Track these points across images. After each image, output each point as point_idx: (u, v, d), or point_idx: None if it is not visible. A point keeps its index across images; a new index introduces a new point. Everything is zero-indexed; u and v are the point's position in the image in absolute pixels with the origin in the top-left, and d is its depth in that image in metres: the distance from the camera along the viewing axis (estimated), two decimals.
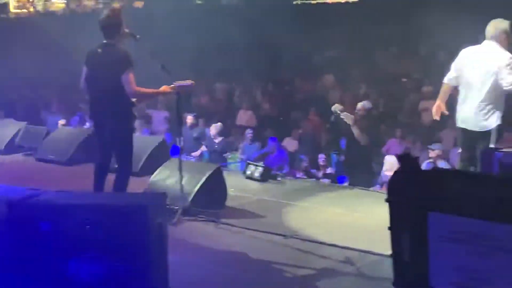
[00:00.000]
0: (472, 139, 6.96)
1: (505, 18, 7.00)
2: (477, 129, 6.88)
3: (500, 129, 6.98)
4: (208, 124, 14.10)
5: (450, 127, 12.15)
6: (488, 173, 5.80)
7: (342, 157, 10.66)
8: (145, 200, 4.97)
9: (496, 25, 6.84)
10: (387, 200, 3.33)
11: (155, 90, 6.82)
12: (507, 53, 6.72)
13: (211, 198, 7.25)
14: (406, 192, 3.16)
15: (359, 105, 10.17)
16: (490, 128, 6.83)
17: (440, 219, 3.06)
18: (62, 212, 4.83)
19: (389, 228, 3.36)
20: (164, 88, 6.77)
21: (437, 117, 7.36)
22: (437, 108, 7.28)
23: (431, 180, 3.11)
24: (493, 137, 6.83)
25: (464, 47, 7.19)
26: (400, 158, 3.18)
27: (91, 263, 4.83)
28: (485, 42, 6.89)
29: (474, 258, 2.94)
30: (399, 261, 3.22)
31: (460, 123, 7.09)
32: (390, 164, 10.64)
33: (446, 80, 7.23)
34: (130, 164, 6.72)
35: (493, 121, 6.84)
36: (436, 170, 3.37)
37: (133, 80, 6.36)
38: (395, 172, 3.22)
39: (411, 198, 3.13)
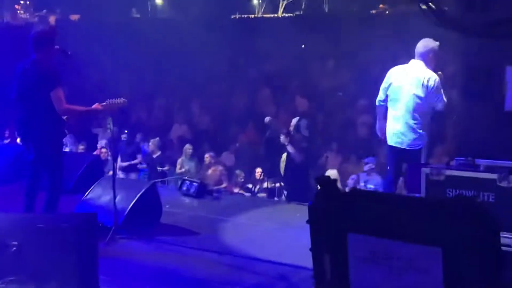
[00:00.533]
0: (402, 157, 7.12)
1: (437, 36, 7.18)
2: (407, 148, 7.04)
3: (429, 146, 7.18)
4: (145, 139, 14.00)
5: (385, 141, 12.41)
6: (404, 194, 5.97)
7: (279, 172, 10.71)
8: (75, 221, 4.88)
9: (425, 44, 7.02)
10: (307, 222, 3.37)
11: (85, 108, 6.72)
12: (433, 74, 6.91)
13: (146, 215, 7.17)
14: (326, 213, 3.21)
15: (293, 121, 10.29)
16: (420, 146, 7.00)
17: (358, 240, 3.12)
18: None
19: (311, 249, 3.41)
20: (96, 106, 6.68)
21: (382, 137, 7.50)
22: (380, 130, 7.44)
23: (350, 202, 3.17)
24: (423, 155, 7.01)
25: (398, 62, 7.37)
26: (319, 180, 3.23)
27: (20, 285, 4.73)
28: (412, 61, 7.06)
29: (390, 279, 3.00)
30: (320, 282, 3.26)
31: (389, 141, 7.23)
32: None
33: (377, 102, 7.39)
34: (60, 182, 6.60)
35: (423, 139, 7.01)
36: (354, 192, 3.43)
37: (62, 97, 6.27)
38: (315, 194, 3.27)
39: (331, 220, 3.19)
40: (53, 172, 6.50)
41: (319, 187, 3.24)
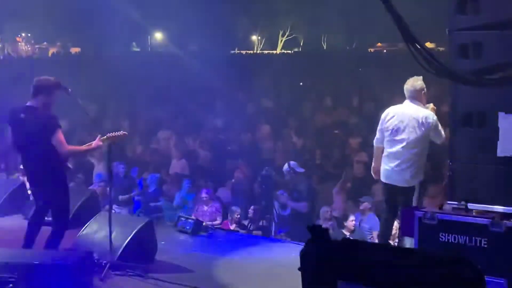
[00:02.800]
0: (396, 194, 7.20)
1: (428, 78, 7.29)
2: (401, 185, 7.12)
3: (423, 184, 7.26)
4: (142, 173, 14.04)
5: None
6: (393, 245, 6.02)
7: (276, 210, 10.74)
8: (71, 259, 4.94)
9: (413, 84, 7.17)
10: (299, 269, 3.45)
11: (87, 147, 6.85)
12: (430, 112, 7.03)
13: (141, 252, 7.22)
14: (317, 261, 3.29)
15: (287, 166, 10.43)
16: (413, 184, 7.09)
17: None
18: None
19: None
20: (97, 142, 6.79)
21: (377, 177, 7.62)
22: (374, 170, 7.53)
23: (340, 250, 3.25)
24: (416, 192, 7.08)
25: (395, 100, 7.50)
26: (310, 229, 3.31)
27: None
28: (406, 102, 7.19)
29: None
30: None
31: (384, 179, 7.32)
32: (323, 214, 10.86)
33: (375, 143, 7.50)
34: (66, 222, 6.71)
35: (417, 177, 7.10)
36: (344, 241, 3.50)
37: (63, 141, 6.42)
38: (306, 242, 3.35)
39: (321, 267, 3.26)
40: (59, 210, 6.60)
41: (310, 235, 3.32)
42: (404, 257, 3.09)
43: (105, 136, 6.80)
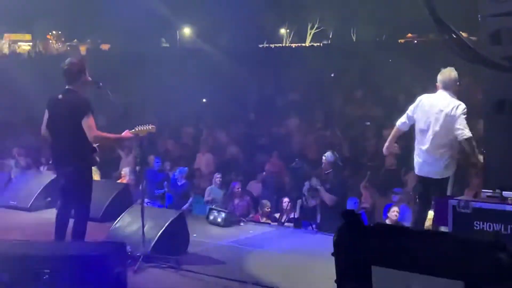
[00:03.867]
0: (429, 186, 7.12)
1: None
2: (434, 177, 7.04)
3: (456, 174, 7.16)
4: (173, 168, 14.13)
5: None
6: (426, 229, 5.95)
7: (307, 202, 10.69)
8: (104, 250, 4.98)
9: (449, 74, 7.05)
10: (333, 254, 3.43)
11: (116, 136, 6.84)
12: (461, 102, 6.93)
13: (173, 244, 7.25)
14: (350, 247, 3.27)
15: (324, 158, 10.32)
16: (447, 175, 6.99)
17: (382, 273, 3.16)
18: (19, 262, 4.81)
19: (336, 281, 3.46)
20: (125, 133, 6.80)
21: (386, 153, 7.84)
22: (386, 149, 7.62)
23: (373, 236, 3.22)
24: (450, 183, 6.99)
25: (427, 91, 7.41)
26: (343, 214, 3.29)
27: None
28: (440, 92, 7.08)
29: None
30: None
31: (417, 171, 7.24)
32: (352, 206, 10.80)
33: (398, 123, 7.43)
34: (87, 209, 6.69)
35: (450, 168, 7.00)
36: (378, 226, 3.47)
37: (93, 125, 6.42)
38: (339, 228, 3.33)
39: (355, 253, 3.24)
40: (80, 198, 6.60)
41: (343, 221, 3.30)
42: (439, 241, 3.06)
43: (134, 129, 6.83)
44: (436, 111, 6.97)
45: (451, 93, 7.00)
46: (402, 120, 7.38)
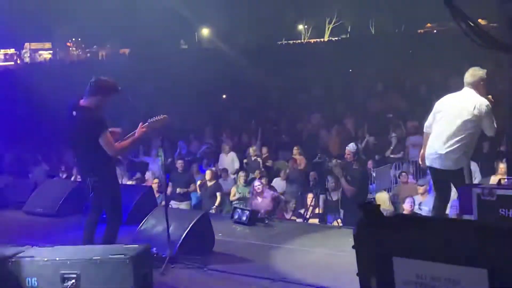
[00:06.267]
0: (442, 178, 7.09)
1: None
2: (447, 169, 7.00)
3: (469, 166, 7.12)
4: (198, 168, 14.20)
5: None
6: (447, 217, 5.90)
7: (331, 196, 10.66)
8: (129, 253, 5.01)
9: (474, 73, 7.01)
10: (353, 247, 3.41)
11: (133, 139, 6.83)
12: (484, 99, 6.87)
13: (199, 244, 7.27)
14: (370, 239, 3.25)
15: (347, 149, 10.29)
16: (457, 167, 6.94)
17: (404, 264, 3.14)
18: (46, 267, 4.86)
19: (357, 274, 3.44)
20: (139, 131, 6.79)
21: (423, 165, 7.53)
22: (422, 157, 7.43)
23: (394, 226, 3.19)
24: (466, 174, 6.95)
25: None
26: (362, 206, 3.27)
27: None
28: (465, 89, 7.04)
29: None
30: None
31: (430, 163, 7.17)
32: (381, 201, 10.77)
33: (425, 129, 7.37)
34: (120, 215, 6.76)
35: (459, 162, 6.95)
36: (398, 216, 3.44)
37: (110, 142, 6.47)
38: (359, 220, 3.31)
39: (376, 244, 3.22)
40: (111, 205, 6.67)
41: (362, 213, 3.28)
42: (461, 229, 3.03)
43: (147, 123, 6.84)
44: (459, 106, 6.92)
45: (474, 91, 6.95)
46: (427, 124, 7.32)
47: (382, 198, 11.26)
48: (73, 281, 4.84)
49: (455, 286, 2.98)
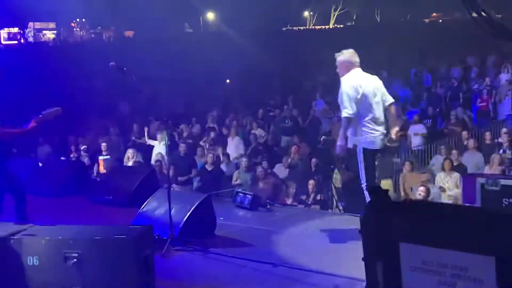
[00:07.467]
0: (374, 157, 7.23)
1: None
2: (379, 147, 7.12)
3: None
4: (201, 153, 14.19)
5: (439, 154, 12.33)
6: (456, 204, 5.90)
7: (332, 183, 10.67)
8: (131, 233, 5.01)
9: (354, 53, 7.29)
10: (360, 231, 3.40)
11: (21, 130, 7.08)
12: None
13: (200, 227, 7.27)
14: (378, 223, 3.23)
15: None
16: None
17: (410, 250, 3.13)
18: (47, 246, 4.87)
19: (363, 259, 3.43)
20: (32, 124, 6.96)
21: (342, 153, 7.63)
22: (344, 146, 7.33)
23: (401, 212, 3.18)
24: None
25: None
26: (371, 191, 3.25)
27: None
28: (358, 70, 7.25)
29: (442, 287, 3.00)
30: None
31: (371, 145, 7.13)
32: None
33: (348, 115, 7.12)
34: (21, 192, 7.14)
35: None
36: (406, 202, 3.43)
37: None
38: (367, 204, 3.30)
39: (383, 230, 3.20)
40: (13, 188, 7.07)
41: (370, 197, 3.26)
42: (469, 216, 3.02)
43: (40, 115, 6.93)
44: (374, 86, 7.12)
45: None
46: (352, 111, 7.07)
47: (386, 186, 11.24)
48: (75, 260, 4.84)
49: (462, 272, 2.97)
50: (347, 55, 7.29)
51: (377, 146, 7.07)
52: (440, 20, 40.03)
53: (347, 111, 7.02)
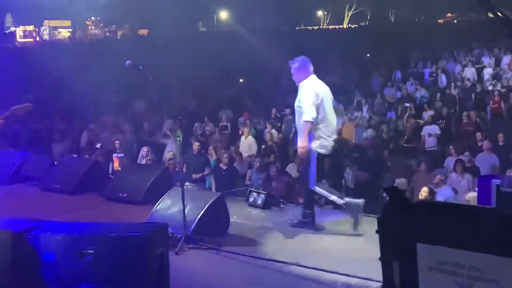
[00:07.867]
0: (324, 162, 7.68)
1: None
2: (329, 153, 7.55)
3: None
4: (216, 151, 14.21)
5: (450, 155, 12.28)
6: (473, 205, 5.87)
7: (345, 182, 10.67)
8: (146, 231, 5.03)
9: (309, 62, 7.72)
10: (377, 232, 3.41)
11: None
12: None
13: (214, 226, 7.30)
14: (395, 223, 3.24)
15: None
16: None
17: (428, 250, 3.13)
18: (63, 243, 4.90)
19: (380, 259, 3.44)
20: None
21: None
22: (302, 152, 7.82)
23: (418, 212, 3.19)
24: None
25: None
26: (388, 191, 3.26)
27: None
28: (314, 76, 7.73)
29: None
30: None
31: (325, 150, 7.57)
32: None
33: (311, 119, 7.49)
34: None
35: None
36: (423, 203, 3.44)
37: None
38: (384, 205, 3.31)
39: (400, 230, 3.22)
40: None
41: (388, 198, 3.28)
42: (488, 217, 3.02)
43: (8, 111, 6.93)
44: (327, 93, 7.60)
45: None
46: (314, 115, 7.46)
47: (401, 185, 11.21)
48: (90, 257, 4.87)
49: (479, 274, 2.98)
50: (302, 62, 7.59)
51: (329, 152, 7.27)
52: (455, 21, 39.88)
53: (309, 115, 7.34)
